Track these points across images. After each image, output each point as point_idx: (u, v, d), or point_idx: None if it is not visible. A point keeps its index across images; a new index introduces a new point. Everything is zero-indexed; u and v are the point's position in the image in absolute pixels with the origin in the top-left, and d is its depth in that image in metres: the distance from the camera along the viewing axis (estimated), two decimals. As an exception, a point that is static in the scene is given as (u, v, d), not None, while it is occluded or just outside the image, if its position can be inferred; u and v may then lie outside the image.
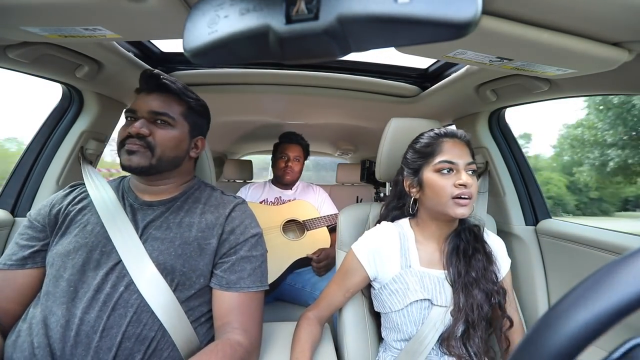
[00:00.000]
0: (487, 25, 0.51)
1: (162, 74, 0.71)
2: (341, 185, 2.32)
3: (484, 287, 0.68)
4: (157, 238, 0.66)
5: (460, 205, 0.67)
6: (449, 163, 0.69)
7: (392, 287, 0.71)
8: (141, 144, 0.67)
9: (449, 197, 0.68)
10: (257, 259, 0.72)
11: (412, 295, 0.69)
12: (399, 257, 0.73)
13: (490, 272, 0.71)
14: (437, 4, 0.21)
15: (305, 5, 0.23)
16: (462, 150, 0.70)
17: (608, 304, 0.20)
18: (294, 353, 0.70)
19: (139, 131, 0.66)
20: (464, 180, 0.66)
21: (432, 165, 0.71)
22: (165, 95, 0.71)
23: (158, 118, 0.69)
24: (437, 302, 0.68)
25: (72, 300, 0.59)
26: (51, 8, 0.51)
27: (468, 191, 0.67)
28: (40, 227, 0.68)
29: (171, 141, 0.70)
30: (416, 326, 0.69)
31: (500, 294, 0.69)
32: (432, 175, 0.70)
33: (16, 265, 0.65)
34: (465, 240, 0.73)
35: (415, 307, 0.69)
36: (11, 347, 0.58)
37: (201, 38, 0.26)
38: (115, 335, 0.57)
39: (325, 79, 1.16)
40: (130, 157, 0.67)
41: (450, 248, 0.73)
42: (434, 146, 0.72)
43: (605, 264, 0.21)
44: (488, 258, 0.72)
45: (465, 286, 0.68)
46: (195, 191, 0.77)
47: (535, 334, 0.22)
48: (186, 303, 0.65)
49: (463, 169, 0.68)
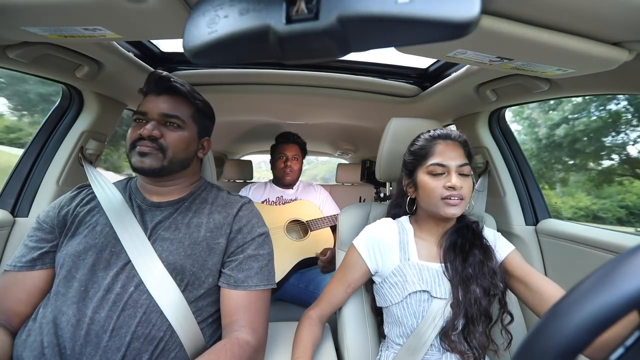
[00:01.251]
0: (487, 25, 0.51)
1: (172, 76, 0.71)
2: (341, 185, 2.32)
3: (481, 283, 0.69)
4: (166, 239, 0.67)
5: (450, 205, 0.69)
6: (440, 166, 0.70)
7: (391, 280, 0.73)
8: (153, 146, 0.68)
9: (439, 198, 0.70)
10: (264, 257, 0.73)
11: (410, 286, 0.70)
12: (398, 250, 0.75)
13: (487, 268, 0.71)
14: (437, 4, 0.21)
15: (305, 5, 0.23)
16: (455, 151, 0.71)
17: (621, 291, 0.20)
18: (296, 352, 0.70)
19: (151, 133, 0.67)
20: (453, 182, 0.68)
21: (425, 167, 0.72)
22: (174, 97, 0.71)
23: (169, 120, 0.70)
24: (436, 294, 0.69)
25: (82, 300, 0.59)
26: (51, 8, 0.51)
27: (457, 193, 0.68)
28: (49, 228, 0.69)
29: (182, 143, 0.71)
30: (416, 319, 0.70)
31: (499, 288, 0.69)
32: (425, 176, 0.72)
33: (26, 267, 0.65)
34: (462, 236, 0.74)
35: (414, 299, 0.70)
36: (21, 346, 0.59)
37: (201, 38, 0.26)
38: (124, 335, 0.57)
39: (325, 79, 1.16)
40: (142, 159, 0.67)
41: (447, 244, 0.74)
42: (427, 148, 0.73)
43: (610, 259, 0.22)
44: (486, 253, 0.72)
45: (463, 281, 0.69)
46: (202, 192, 0.78)
47: (545, 324, 0.23)
48: (195, 303, 0.65)
49: (454, 171, 0.69)
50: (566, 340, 0.21)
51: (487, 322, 0.69)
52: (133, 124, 0.71)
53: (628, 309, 0.20)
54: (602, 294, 0.21)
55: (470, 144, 0.77)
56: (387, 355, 0.74)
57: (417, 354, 0.68)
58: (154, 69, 1.00)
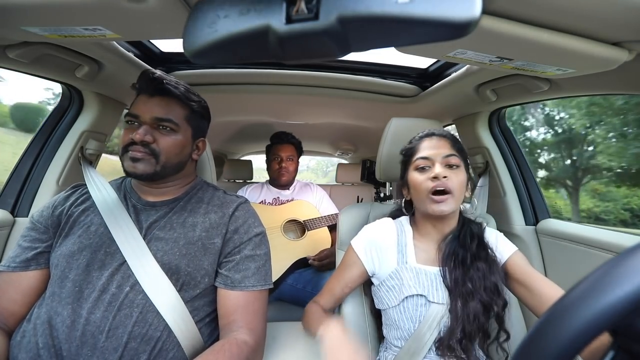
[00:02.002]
0: (487, 25, 0.51)
1: (165, 77, 0.69)
2: (341, 185, 2.32)
3: (481, 299, 0.66)
4: (161, 238, 0.67)
5: (436, 202, 0.68)
6: (424, 159, 0.71)
7: (389, 283, 0.72)
8: (145, 152, 0.67)
9: (426, 192, 0.69)
10: (261, 257, 0.72)
11: (407, 290, 0.69)
12: (395, 252, 0.75)
13: (490, 282, 0.67)
14: (437, 4, 0.21)
15: (305, 5, 0.23)
16: (439, 144, 0.72)
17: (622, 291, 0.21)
18: (314, 324, 0.70)
19: (143, 138, 0.65)
20: (436, 172, 0.67)
21: (412, 164, 0.74)
22: (167, 100, 0.69)
23: (161, 124, 0.68)
24: (433, 299, 0.68)
25: (77, 301, 0.59)
26: (51, 8, 0.51)
27: (441, 182, 0.67)
28: (43, 228, 0.68)
29: (175, 147, 0.70)
30: (413, 323, 0.69)
31: (500, 305, 0.67)
32: (413, 173, 0.73)
33: (20, 268, 0.65)
34: (464, 246, 0.71)
35: (411, 303, 0.69)
36: (16, 347, 0.58)
37: (201, 38, 0.26)
38: (121, 336, 0.57)
39: (325, 79, 1.16)
40: (135, 164, 0.66)
41: (448, 250, 0.72)
42: (414, 147, 0.75)
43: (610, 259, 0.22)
44: (490, 267, 0.69)
45: (463, 296, 0.67)
46: (198, 191, 0.78)
47: (546, 323, 0.23)
48: (191, 303, 0.65)
49: (438, 162, 0.69)
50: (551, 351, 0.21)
51: (484, 339, 0.68)
52: (125, 126, 0.70)
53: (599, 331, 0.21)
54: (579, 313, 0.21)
55: (471, 144, 0.76)
56: (386, 356, 0.74)
57: (416, 357, 0.68)
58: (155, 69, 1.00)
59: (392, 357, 0.73)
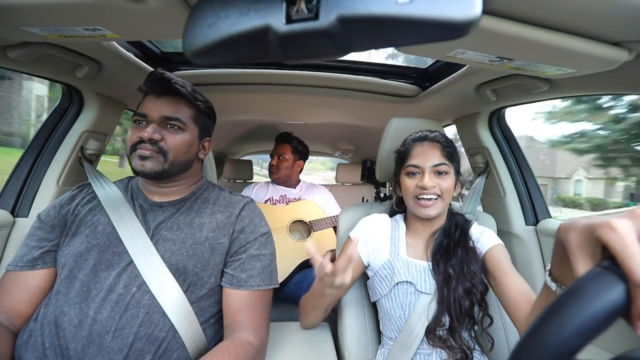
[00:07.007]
0: (487, 25, 0.51)
1: (173, 77, 0.70)
2: (341, 185, 2.32)
3: (462, 284, 0.70)
4: (168, 239, 0.67)
5: (422, 207, 0.73)
6: (414, 167, 0.75)
7: (381, 273, 0.76)
8: (154, 149, 0.67)
9: (413, 196, 0.75)
10: (267, 257, 0.73)
11: (397, 277, 0.73)
12: (389, 245, 0.79)
13: (468, 268, 0.71)
14: (437, 4, 0.21)
15: (305, 5, 0.23)
16: (430, 152, 0.75)
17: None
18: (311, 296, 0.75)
19: (152, 136, 0.66)
20: (423, 182, 0.73)
21: (404, 168, 0.78)
22: (175, 99, 0.70)
23: (169, 123, 0.69)
24: (421, 288, 0.72)
25: (85, 300, 0.59)
26: (51, 8, 0.51)
27: (427, 192, 0.73)
28: (49, 227, 0.69)
29: (183, 146, 0.71)
30: (403, 311, 0.72)
31: (479, 289, 0.70)
32: (404, 177, 0.78)
33: (27, 267, 0.65)
34: (448, 236, 0.76)
35: (401, 290, 0.73)
36: (23, 347, 0.58)
37: (201, 38, 0.26)
38: (127, 336, 0.57)
39: (325, 79, 1.16)
40: (143, 162, 0.67)
41: (435, 245, 0.76)
42: (407, 151, 0.79)
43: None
44: (468, 254, 0.73)
45: (445, 280, 0.71)
46: (204, 191, 0.78)
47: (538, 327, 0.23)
48: (197, 303, 0.65)
49: (427, 172, 0.74)
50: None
51: (470, 323, 0.71)
52: (133, 126, 0.71)
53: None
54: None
55: (470, 144, 0.77)
56: (383, 352, 0.76)
57: (409, 349, 0.70)
58: (154, 69, 1.00)
59: (387, 352, 0.74)
